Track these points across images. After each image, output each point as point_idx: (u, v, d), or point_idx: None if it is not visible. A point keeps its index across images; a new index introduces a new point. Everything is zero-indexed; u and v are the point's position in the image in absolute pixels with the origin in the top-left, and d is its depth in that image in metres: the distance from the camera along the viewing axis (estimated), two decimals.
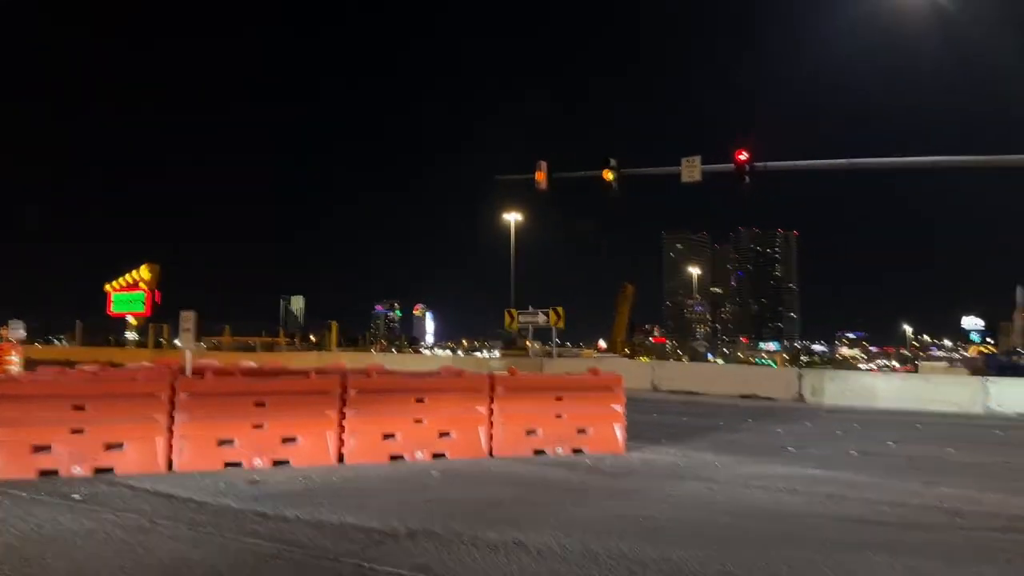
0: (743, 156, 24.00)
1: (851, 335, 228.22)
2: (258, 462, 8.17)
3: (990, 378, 20.19)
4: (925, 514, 6.69)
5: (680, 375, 23.33)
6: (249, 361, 14.44)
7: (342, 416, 8.60)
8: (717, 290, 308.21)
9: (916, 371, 39.38)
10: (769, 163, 25.24)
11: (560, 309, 30.86)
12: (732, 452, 10.33)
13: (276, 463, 8.26)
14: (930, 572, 4.92)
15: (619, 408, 9.85)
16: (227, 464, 8.08)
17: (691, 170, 23.73)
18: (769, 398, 20.41)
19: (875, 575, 4.84)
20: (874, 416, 16.74)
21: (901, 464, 9.81)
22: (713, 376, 23.84)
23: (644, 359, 44.68)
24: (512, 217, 42.37)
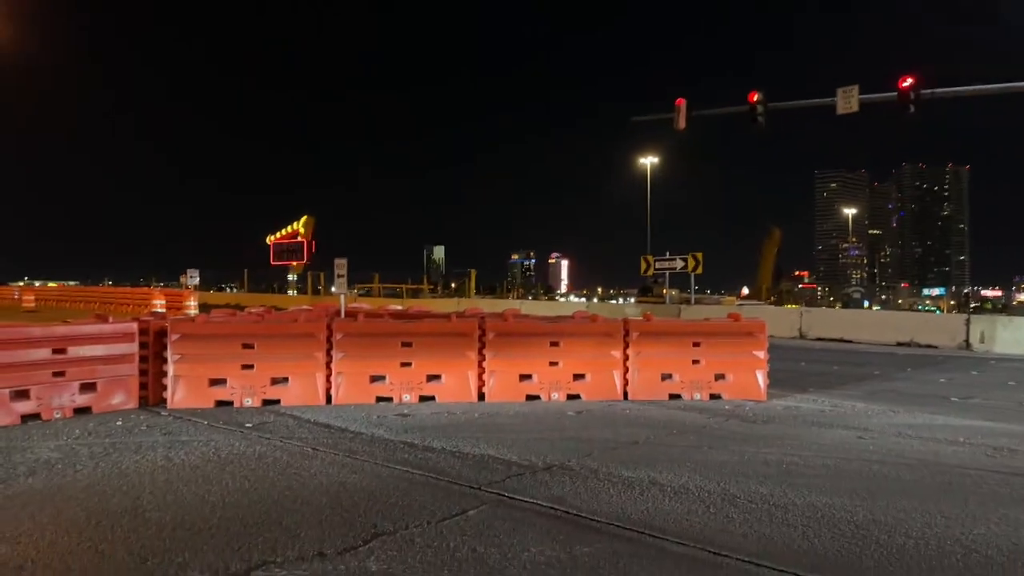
0: (908, 83, 21.86)
1: None
2: (406, 397, 8.68)
3: None
4: None
5: (830, 322, 22.07)
6: (396, 305, 15.24)
7: (481, 357, 8.92)
8: (876, 232, 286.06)
9: None
10: (938, 90, 22.85)
11: (699, 255, 29.93)
12: (887, 401, 9.73)
13: (422, 399, 8.74)
14: None
15: (761, 354, 9.51)
16: (379, 399, 8.66)
17: (848, 100, 21.91)
18: (931, 346, 18.92)
19: None
20: None
21: None
22: (867, 323, 22.34)
23: (791, 306, 42.62)
24: (648, 161, 41.22)
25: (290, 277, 49.70)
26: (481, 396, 8.91)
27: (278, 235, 49.05)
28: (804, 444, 6.94)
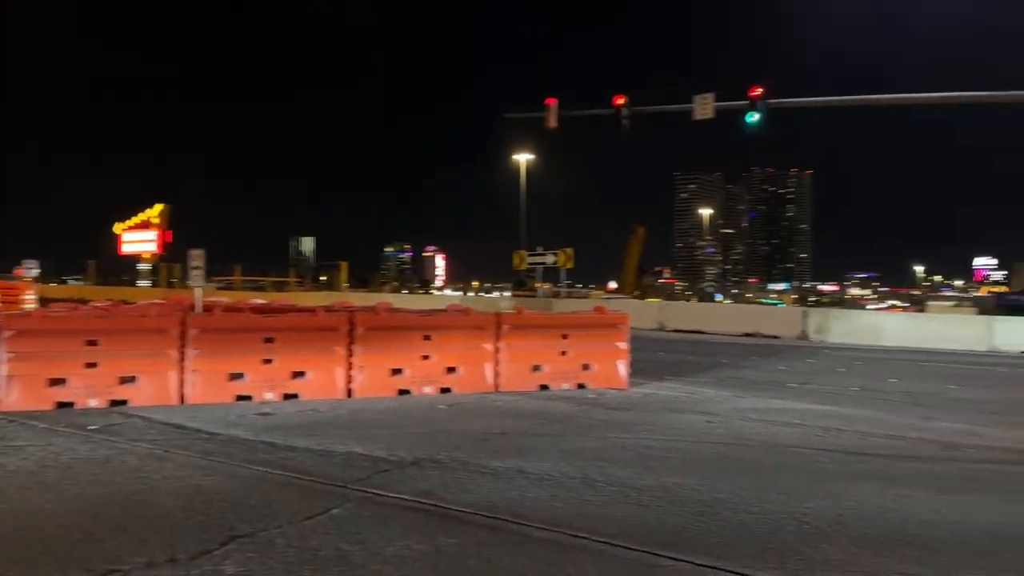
0: (757, 92, 23.53)
1: (862, 275, 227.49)
2: (269, 396, 8.37)
3: (997, 317, 20.28)
4: (921, 447, 6.83)
5: (686, 315, 23.46)
6: (258, 299, 14.61)
7: (350, 352, 8.75)
8: (729, 231, 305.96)
9: (923, 311, 39.42)
10: (784, 100, 24.76)
11: (569, 250, 30.84)
12: (733, 387, 10.48)
13: (286, 397, 8.46)
14: (919, 500, 5.05)
15: (623, 345, 9.96)
16: (238, 397, 8.29)
17: (704, 107, 23.30)
18: (774, 336, 20.54)
19: (866, 503, 4.97)
20: (878, 354, 16.86)
21: (901, 400, 9.95)
22: (718, 315, 23.95)
23: (653, 300, 44.79)
24: (522, 157, 41.84)
25: (141, 275, 46.48)
26: (349, 392, 8.75)
27: (128, 224, 45.75)
28: (659, 429, 7.35)
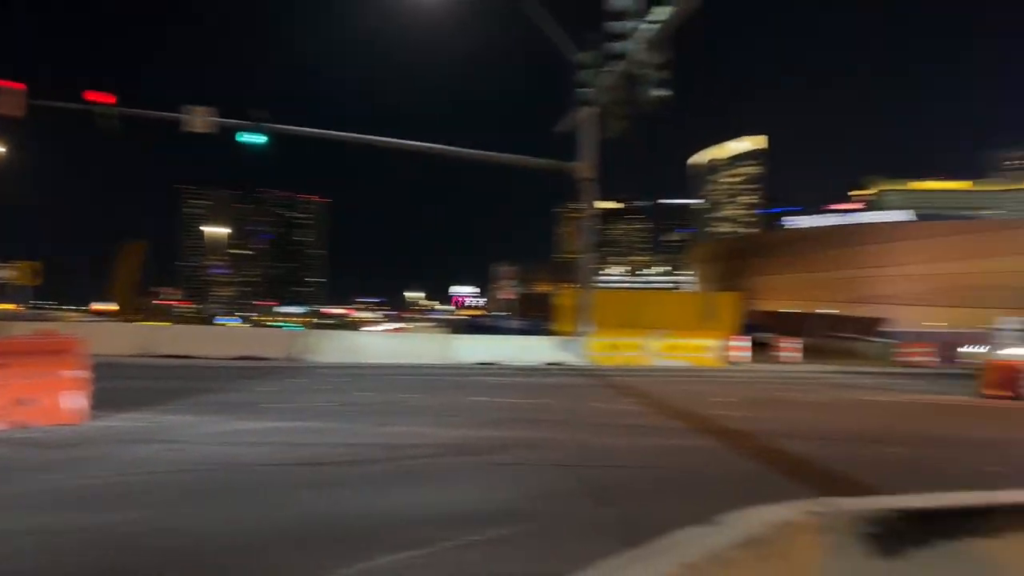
0: (259, 114, 23.57)
1: (370, 300, 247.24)
2: None
3: (454, 336, 24.20)
4: (369, 451, 7.59)
5: (177, 339, 22.01)
6: None
7: None
8: (243, 252, 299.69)
9: (407, 331, 44.89)
10: (286, 127, 25.29)
11: (35, 264, 26.19)
12: (214, 412, 10.15)
13: None
14: (347, 498, 5.63)
15: (76, 374, 8.76)
16: None
17: (197, 121, 22.32)
18: (266, 358, 20.70)
19: (312, 508, 5.30)
20: (363, 370, 18.40)
21: (368, 410, 11.00)
22: (212, 339, 23.12)
23: (153, 323, 40.89)
24: None
25: None
26: None
27: None
28: (112, 464, 6.66)
